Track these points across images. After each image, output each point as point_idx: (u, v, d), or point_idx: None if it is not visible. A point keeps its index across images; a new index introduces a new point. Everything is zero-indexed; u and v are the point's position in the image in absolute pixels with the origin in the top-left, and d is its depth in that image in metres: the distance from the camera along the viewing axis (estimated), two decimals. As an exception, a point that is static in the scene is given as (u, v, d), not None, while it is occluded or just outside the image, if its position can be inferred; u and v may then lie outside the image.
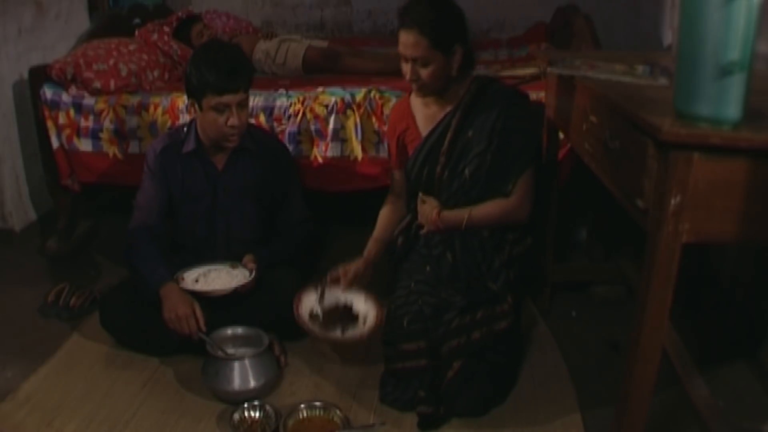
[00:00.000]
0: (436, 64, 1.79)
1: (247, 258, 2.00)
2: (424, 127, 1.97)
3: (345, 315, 1.87)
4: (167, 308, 1.87)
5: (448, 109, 1.92)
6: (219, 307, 1.95)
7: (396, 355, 1.76)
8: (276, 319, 1.98)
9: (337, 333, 1.79)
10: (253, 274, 1.95)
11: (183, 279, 1.95)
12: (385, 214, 2.10)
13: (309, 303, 1.91)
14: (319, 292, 1.93)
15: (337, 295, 1.92)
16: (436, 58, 1.78)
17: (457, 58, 1.83)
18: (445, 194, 1.93)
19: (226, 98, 1.89)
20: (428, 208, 1.92)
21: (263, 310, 1.96)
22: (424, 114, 1.98)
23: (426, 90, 1.88)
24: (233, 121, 1.92)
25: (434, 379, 1.72)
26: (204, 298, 1.91)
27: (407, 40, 1.77)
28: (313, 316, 1.88)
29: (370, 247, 2.05)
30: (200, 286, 1.94)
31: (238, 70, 1.92)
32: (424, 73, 1.80)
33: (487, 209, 1.89)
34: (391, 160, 2.11)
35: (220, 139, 1.98)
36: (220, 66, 1.88)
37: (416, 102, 2.00)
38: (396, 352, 1.76)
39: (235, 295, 1.92)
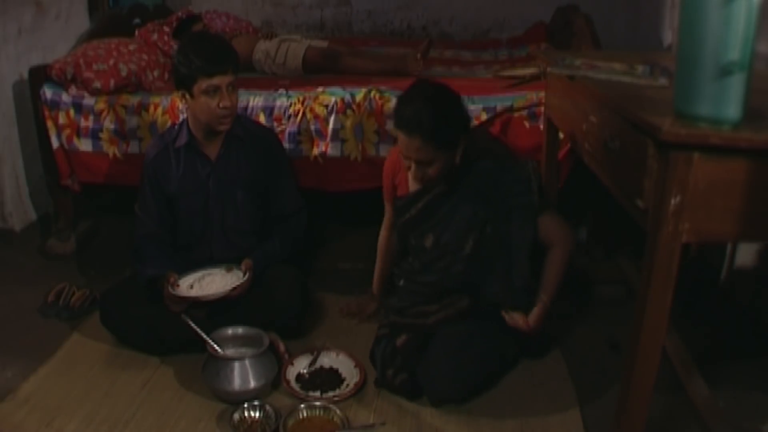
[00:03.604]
0: (440, 161, 1.72)
1: (244, 262, 2.02)
2: (412, 179, 1.92)
3: (331, 378, 1.89)
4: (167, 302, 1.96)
5: None
6: (217, 310, 1.96)
7: (382, 377, 1.85)
8: (276, 318, 1.99)
9: (316, 394, 1.82)
10: (246, 276, 1.97)
11: (178, 286, 1.96)
12: (384, 247, 2.17)
13: (300, 364, 1.94)
14: (314, 356, 1.96)
15: (329, 360, 1.96)
16: (440, 157, 1.71)
17: (460, 149, 1.75)
18: (423, 259, 1.91)
19: (216, 80, 1.93)
20: (521, 328, 1.81)
21: (263, 310, 1.97)
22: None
23: (433, 182, 1.81)
24: (225, 102, 1.96)
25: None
26: (201, 303, 1.93)
27: (411, 145, 1.67)
28: (300, 375, 1.91)
29: (377, 283, 2.20)
30: (194, 292, 1.95)
31: (225, 52, 1.99)
32: (430, 171, 1.73)
33: (551, 280, 1.83)
34: (385, 193, 2.09)
35: (213, 124, 2.00)
36: (207, 50, 1.94)
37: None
38: (382, 374, 1.85)
39: (230, 299, 1.94)
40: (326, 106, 2.38)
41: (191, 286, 1.98)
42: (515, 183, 1.83)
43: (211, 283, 1.99)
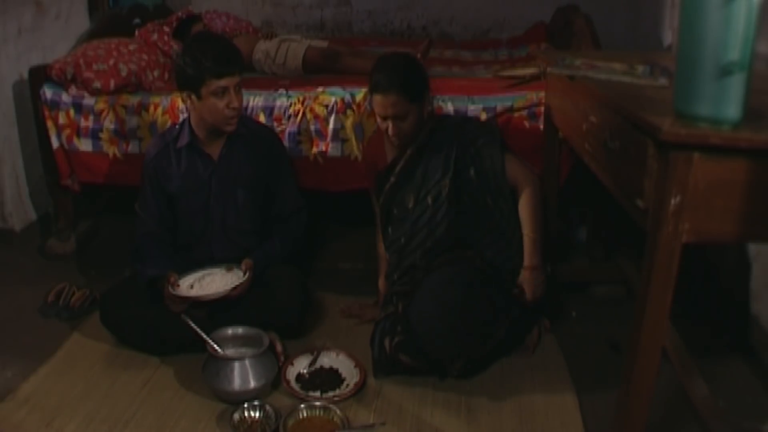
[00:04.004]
0: (413, 114, 1.94)
1: (245, 262, 2.02)
2: (391, 138, 2.06)
3: (331, 378, 1.89)
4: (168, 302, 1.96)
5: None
6: (218, 310, 1.96)
7: (395, 358, 1.86)
8: (276, 318, 1.99)
9: (316, 394, 1.82)
10: (246, 275, 1.97)
11: (178, 286, 1.96)
12: (383, 251, 2.18)
13: (300, 364, 1.94)
14: (314, 356, 1.97)
15: (329, 360, 1.96)
16: (412, 109, 1.94)
17: (426, 104, 2.01)
18: (408, 223, 2.03)
19: (225, 81, 1.94)
20: (529, 279, 1.95)
21: (264, 309, 1.97)
22: (393, 148, 2.08)
23: (408, 140, 2.00)
24: (234, 103, 1.97)
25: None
26: (201, 303, 1.93)
27: (387, 102, 1.91)
28: (300, 375, 1.91)
29: (381, 287, 2.19)
30: (195, 292, 1.95)
31: (232, 52, 2.00)
32: (406, 125, 1.95)
33: (529, 215, 1.98)
34: (369, 180, 2.18)
35: (220, 124, 2.01)
36: (215, 51, 1.94)
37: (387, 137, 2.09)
38: (399, 357, 1.86)
39: (230, 298, 1.94)
40: (326, 106, 2.38)
41: (191, 286, 1.97)
42: (478, 128, 2.07)
43: (211, 282, 1.99)
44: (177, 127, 2.15)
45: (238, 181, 2.10)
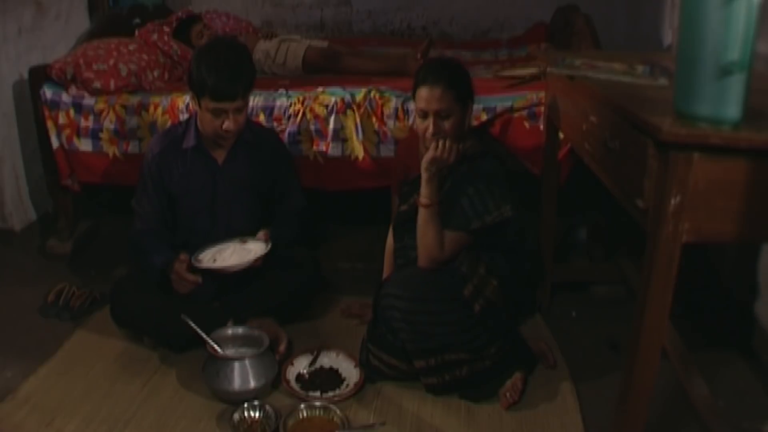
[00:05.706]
0: (456, 116, 1.86)
1: (263, 232, 2.02)
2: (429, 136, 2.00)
3: (331, 378, 1.89)
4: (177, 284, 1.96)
5: None
6: (239, 282, 1.99)
7: (375, 355, 1.87)
8: (293, 281, 2.05)
9: (316, 394, 1.82)
10: (269, 244, 1.96)
11: (199, 260, 1.94)
12: (391, 253, 2.14)
13: (300, 364, 1.95)
14: (314, 356, 1.97)
15: (329, 360, 1.96)
16: (456, 110, 1.86)
17: (469, 113, 1.93)
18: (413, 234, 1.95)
19: (223, 105, 1.91)
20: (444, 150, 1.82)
21: (282, 287, 2.03)
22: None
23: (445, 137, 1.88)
24: (228, 125, 1.94)
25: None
26: (223, 275, 1.93)
27: (433, 95, 1.83)
28: (300, 375, 1.91)
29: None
30: (218, 264, 1.93)
31: (239, 76, 1.90)
32: (447, 124, 1.85)
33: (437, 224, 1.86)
34: (394, 179, 2.13)
35: (215, 138, 2.02)
36: (221, 71, 1.87)
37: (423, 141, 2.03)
38: (375, 353, 1.87)
39: (253, 268, 1.94)
40: (326, 106, 2.38)
41: (214, 260, 1.96)
42: (486, 180, 1.88)
43: (232, 254, 1.97)
44: (182, 125, 2.14)
45: (244, 185, 2.10)
